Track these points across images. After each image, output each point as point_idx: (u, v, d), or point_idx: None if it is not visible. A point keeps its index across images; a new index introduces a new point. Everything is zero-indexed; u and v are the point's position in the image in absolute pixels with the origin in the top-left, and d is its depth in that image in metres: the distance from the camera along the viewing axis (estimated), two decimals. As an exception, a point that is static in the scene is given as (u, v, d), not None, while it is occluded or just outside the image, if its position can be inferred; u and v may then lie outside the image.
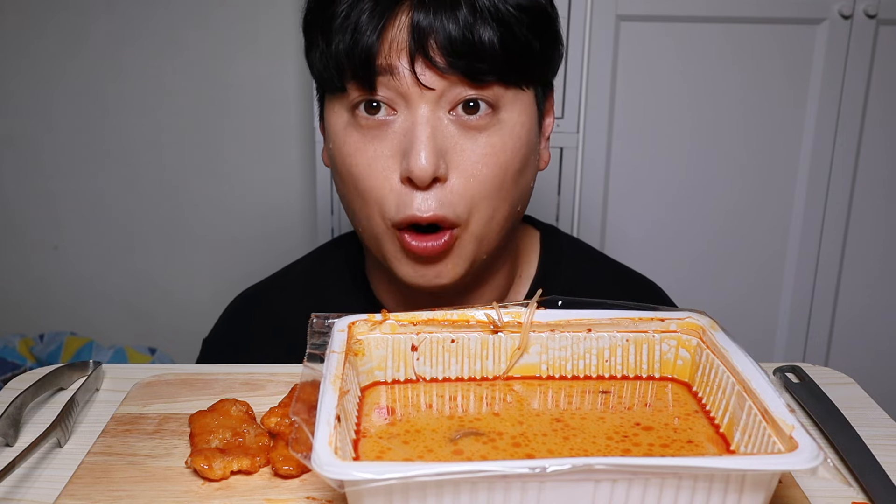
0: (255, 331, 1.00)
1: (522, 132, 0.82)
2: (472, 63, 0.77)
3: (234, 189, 2.11)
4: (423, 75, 0.77)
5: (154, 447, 0.65)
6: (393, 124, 0.79)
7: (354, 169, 0.81)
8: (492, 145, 0.80)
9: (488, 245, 0.84)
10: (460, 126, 0.79)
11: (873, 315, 1.96)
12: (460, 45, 0.76)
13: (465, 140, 0.79)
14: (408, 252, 0.81)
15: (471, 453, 0.56)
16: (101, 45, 2.01)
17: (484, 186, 0.80)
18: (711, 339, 0.63)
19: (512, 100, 0.81)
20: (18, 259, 2.18)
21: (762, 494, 0.49)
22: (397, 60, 0.77)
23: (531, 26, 0.79)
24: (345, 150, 0.82)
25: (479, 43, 0.76)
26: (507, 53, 0.78)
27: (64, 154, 2.09)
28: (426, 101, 0.78)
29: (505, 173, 0.81)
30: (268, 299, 1.03)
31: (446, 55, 0.76)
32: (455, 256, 0.82)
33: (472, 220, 0.81)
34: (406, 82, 0.77)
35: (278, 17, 1.97)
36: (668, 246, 1.89)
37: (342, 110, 0.82)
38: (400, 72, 0.77)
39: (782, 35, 1.74)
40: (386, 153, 0.79)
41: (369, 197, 0.81)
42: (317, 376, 0.57)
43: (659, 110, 1.80)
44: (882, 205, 1.88)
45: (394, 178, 0.79)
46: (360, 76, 0.78)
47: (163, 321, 2.21)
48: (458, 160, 0.79)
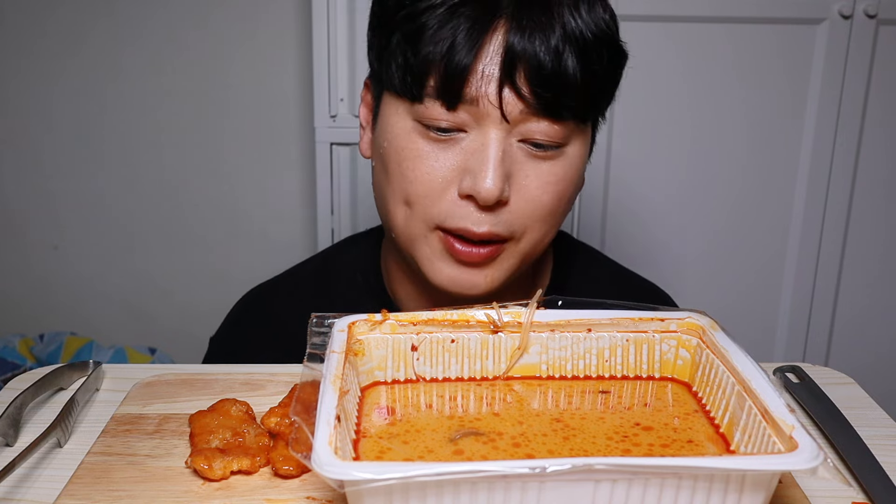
0: (263, 329, 1.00)
1: (580, 164, 0.84)
2: (557, 98, 0.77)
3: (234, 189, 2.10)
4: (507, 106, 0.77)
5: (154, 447, 0.65)
6: (461, 141, 0.79)
7: (410, 174, 0.80)
8: (555, 174, 0.81)
9: (529, 261, 0.86)
10: (526, 153, 0.80)
11: (873, 315, 1.96)
12: (548, 76, 0.76)
13: (530, 166, 0.80)
14: (450, 254, 0.81)
15: (471, 453, 0.56)
16: (101, 44, 2.01)
17: (541, 212, 0.81)
18: (711, 339, 0.63)
19: (578, 134, 0.82)
20: (18, 259, 2.18)
21: (762, 494, 0.49)
22: (485, 89, 0.76)
23: (608, 61, 0.80)
24: (404, 154, 0.80)
25: (564, 73, 0.76)
26: (586, 87, 0.78)
27: (64, 154, 2.09)
28: (501, 126, 0.78)
29: (560, 200, 0.82)
30: (276, 298, 1.03)
31: (534, 86, 0.76)
32: (496, 268, 0.83)
33: (524, 238, 0.82)
34: (487, 110, 0.77)
35: (278, 17, 1.97)
36: (668, 246, 1.89)
37: (408, 116, 0.80)
38: (484, 102, 0.77)
39: (782, 35, 1.74)
40: (449, 166, 0.79)
41: (419, 202, 0.80)
42: (317, 376, 0.57)
43: (659, 110, 1.79)
44: (882, 205, 1.88)
45: (451, 190, 0.79)
46: (446, 97, 0.77)
47: (163, 321, 2.21)
48: (519, 184, 0.80)
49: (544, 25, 0.75)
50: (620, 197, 1.85)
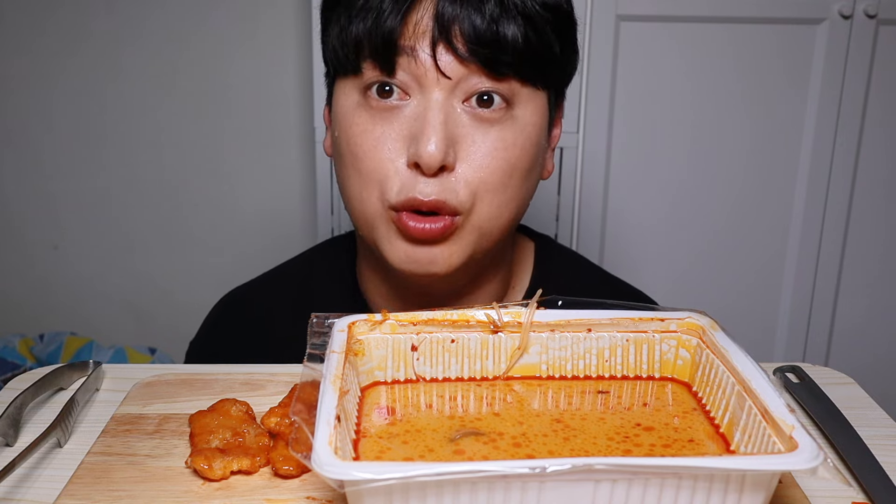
0: (242, 332, 1.00)
1: (533, 132, 0.82)
2: (494, 54, 0.77)
3: (234, 189, 2.11)
4: (442, 60, 0.77)
5: (154, 447, 0.65)
6: (405, 108, 0.79)
7: (358, 149, 0.80)
8: (503, 139, 0.79)
9: (488, 241, 0.83)
10: (472, 117, 0.79)
11: (873, 315, 1.96)
12: (483, 36, 0.76)
13: (476, 131, 0.79)
14: (403, 233, 0.80)
15: (471, 453, 0.56)
16: (101, 44, 2.01)
17: (491, 179, 0.79)
18: (711, 339, 0.63)
19: (527, 98, 0.81)
20: (18, 259, 2.18)
21: (762, 494, 0.49)
22: (419, 43, 0.77)
23: (554, 26, 0.80)
24: (352, 131, 0.81)
25: (502, 37, 0.76)
26: (528, 49, 0.78)
27: (64, 154, 2.09)
28: (441, 87, 0.78)
29: (513, 169, 0.80)
30: (255, 300, 1.02)
31: (469, 43, 0.76)
32: (452, 244, 0.81)
33: (474, 210, 0.80)
34: (424, 66, 0.77)
35: (278, 17, 1.97)
36: (668, 246, 1.89)
37: (353, 91, 0.81)
38: (420, 55, 0.77)
39: (782, 35, 1.74)
40: (394, 135, 0.79)
41: (370, 178, 0.80)
42: (317, 376, 0.57)
43: (659, 110, 1.80)
44: (882, 205, 1.88)
45: (399, 161, 0.79)
46: (380, 56, 0.78)
47: (163, 321, 2.21)
48: (467, 150, 0.79)
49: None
50: (620, 197, 1.85)
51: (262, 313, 1.00)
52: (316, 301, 0.98)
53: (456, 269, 0.82)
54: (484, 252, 0.84)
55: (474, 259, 0.84)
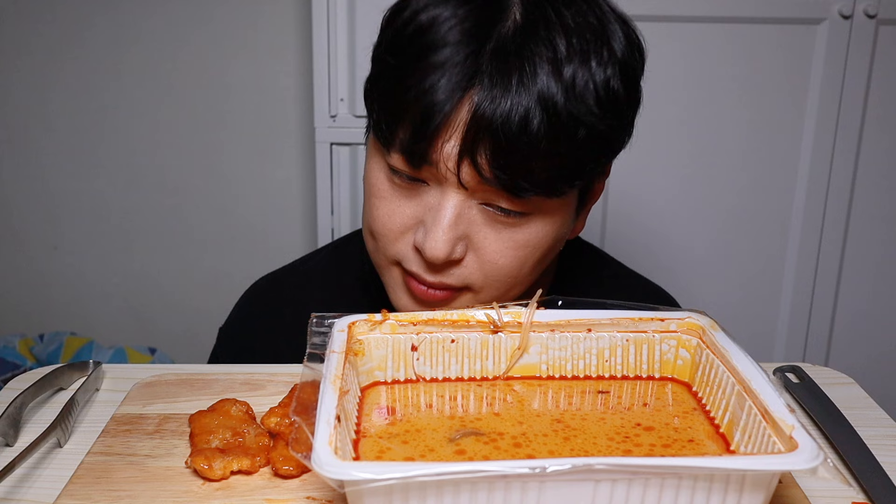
0: (273, 318, 1.00)
1: (551, 230, 0.80)
2: (513, 180, 0.73)
3: (233, 189, 2.10)
4: (465, 175, 0.74)
5: (154, 447, 0.65)
6: (425, 193, 0.78)
7: (375, 211, 0.81)
8: (515, 241, 0.78)
9: (502, 299, 0.82)
10: (487, 216, 0.78)
11: (873, 315, 1.96)
12: (509, 152, 0.71)
13: (489, 229, 0.78)
14: (408, 289, 0.82)
15: (471, 453, 0.56)
16: (101, 44, 2.01)
17: (501, 273, 0.80)
18: (711, 339, 0.63)
19: (550, 205, 0.78)
20: (18, 259, 2.18)
21: (762, 494, 0.49)
22: (446, 155, 0.73)
23: (612, 116, 0.74)
24: (372, 191, 0.82)
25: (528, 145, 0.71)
26: (561, 174, 0.74)
27: (64, 154, 2.09)
28: (459, 190, 0.76)
29: (523, 265, 0.80)
30: (286, 288, 1.03)
31: (493, 166, 0.72)
32: (457, 305, 0.82)
33: (482, 292, 0.81)
34: (446, 174, 0.75)
35: (278, 17, 1.97)
36: (668, 246, 1.89)
37: (381, 158, 0.80)
38: (443, 167, 0.74)
39: (782, 35, 1.74)
40: (409, 213, 0.79)
41: (379, 238, 0.82)
42: (317, 376, 0.57)
43: (659, 110, 1.79)
44: (882, 205, 1.88)
45: (408, 236, 0.80)
46: (410, 157, 0.76)
47: (163, 321, 2.21)
48: (477, 245, 0.78)
49: (515, 91, 0.70)
50: (620, 197, 1.85)
51: (291, 299, 1.01)
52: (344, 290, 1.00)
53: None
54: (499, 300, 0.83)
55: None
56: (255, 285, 1.05)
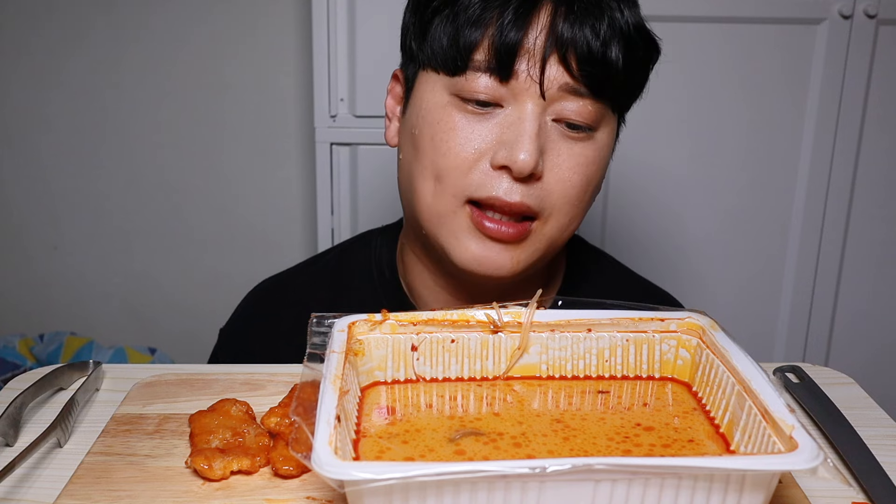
0: (274, 321, 1.00)
1: (607, 153, 0.86)
2: (602, 76, 0.79)
3: (233, 189, 2.10)
4: (549, 80, 0.79)
5: (154, 447, 0.65)
6: (496, 114, 0.81)
7: (444, 145, 0.81)
8: (585, 156, 0.82)
9: (553, 249, 0.86)
10: (560, 133, 0.81)
11: (873, 315, 1.96)
12: (596, 59, 0.78)
13: (563, 145, 0.81)
14: (478, 229, 0.81)
15: (471, 453, 0.56)
16: (100, 45, 2.01)
17: (571, 192, 0.82)
18: (711, 339, 0.63)
19: (607, 121, 0.84)
20: (18, 259, 2.18)
21: (762, 494, 0.49)
22: (530, 64, 0.78)
23: (644, 54, 0.84)
24: (439, 126, 0.82)
25: (609, 60, 0.79)
26: (627, 73, 0.81)
27: (64, 154, 2.09)
28: (538, 101, 0.79)
29: (588, 184, 0.84)
30: (289, 291, 1.03)
31: (581, 65, 0.78)
32: (522, 250, 0.83)
33: (551, 219, 0.83)
34: (527, 84, 0.79)
35: (278, 17, 1.97)
36: (668, 246, 1.89)
37: (443, 90, 0.82)
38: (525, 77, 0.79)
39: (782, 35, 1.74)
40: (483, 138, 0.80)
41: (450, 173, 0.81)
42: (317, 376, 0.57)
43: (659, 110, 1.79)
44: (882, 205, 1.88)
45: (484, 161, 0.80)
46: (498, 71, 0.79)
47: (163, 321, 2.21)
48: (554, 162, 0.81)
49: (594, 15, 0.78)
50: (620, 197, 1.85)
51: (294, 303, 1.00)
52: (354, 294, 0.99)
53: (519, 273, 0.84)
54: (548, 259, 0.87)
55: (536, 266, 0.86)
56: (259, 287, 1.04)
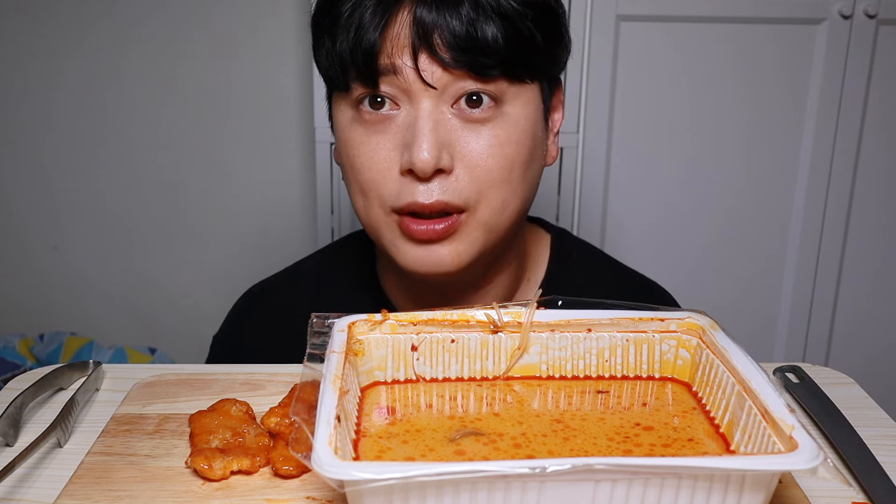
0: (266, 326, 1.00)
1: (527, 125, 0.82)
2: (477, 58, 0.77)
3: (234, 189, 2.11)
4: (426, 72, 0.77)
5: (154, 447, 0.65)
6: (396, 119, 0.80)
7: (356, 161, 0.82)
8: (496, 136, 0.80)
9: (497, 235, 0.84)
10: (463, 119, 0.80)
11: (873, 315, 1.96)
12: (464, 41, 0.76)
13: (469, 133, 0.80)
14: (408, 236, 0.81)
15: (471, 454, 0.56)
16: (101, 45, 2.01)
17: (491, 176, 0.80)
18: (711, 339, 0.63)
19: (516, 94, 0.81)
20: (18, 259, 2.18)
21: (762, 494, 0.49)
22: (400, 59, 0.77)
23: (535, 21, 0.80)
24: (349, 145, 0.82)
25: (482, 38, 0.77)
26: (510, 48, 0.78)
27: (64, 154, 2.09)
28: (429, 95, 0.78)
29: (512, 164, 0.81)
30: (277, 294, 1.03)
31: (451, 50, 0.77)
32: (458, 242, 0.82)
33: (480, 207, 0.81)
34: (409, 79, 0.78)
35: (278, 17, 1.97)
36: (668, 246, 1.89)
37: (347, 107, 0.83)
38: (403, 70, 0.78)
39: (782, 35, 1.74)
40: (388, 145, 0.80)
41: (370, 188, 0.82)
42: (317, 376, 0.57)
43: (659, 110, 1.79)
44: (882, 205, 1.88)
45: (395, 168, 0.80)
46: (363, 75, 0.79)
47: (163, 321, 2.21)
48: (462, 151, 0.80)
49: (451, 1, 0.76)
50: (620, 197, 1.85)
51: (283, 307, 1.01)
52: (338, 296, 0.99)
53: (466, 265, 0.83)
54: (494, 245, 0.85)
55: (485, 254, 0.85)
56: (248, 293, 1.05)
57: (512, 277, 0.95)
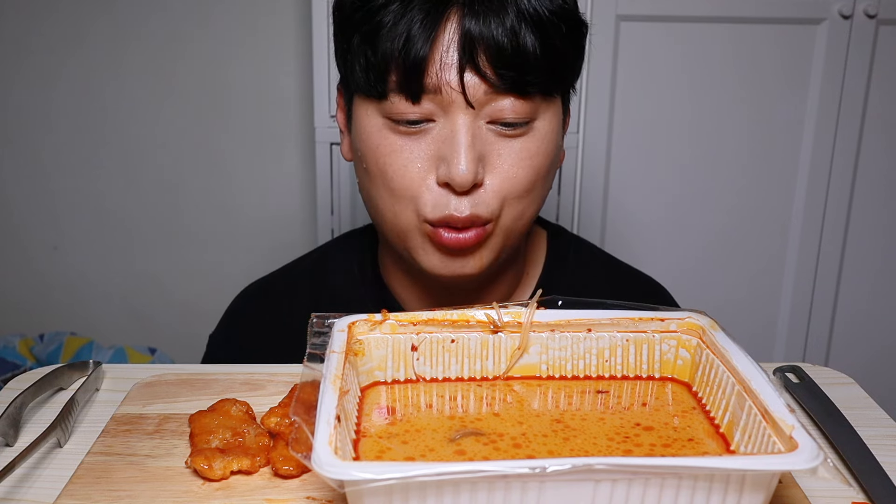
0: (262, 325, 1.00)
1: (553, 137, 0.84)
2: (520, 76, 0.78)
3: (233, 189, 2.11)
4: (470, 90, 0.78)
5: (154, 447, 0.65)
6: (431, 130, 0.80)
7: (389, 168, 0.82)
8: (527, 150, 0.82)
9: (514, 239, 0.87)
10: (497, 133, 0.81)
11: (873, 315, 1.96)
12: (509, 56, 0.77)
13: (502, 145, 0.81)
14: (439, 245, 0.83)
15: (471, 454, 0.56)
16: (101, 45, 2.01)
17: (519, 187, 0.82)
18: (711, 339, 0.63)
19: (545, 108, 0.83)
20: (18, 259, 2.18)
21: (762, 494, 0.49)
22: (446, 77, 0.77)
23: (567, 34, 0.81)
24: (379, 151, 0.82)
25: (523, 51, 0.77)
26: (548, 62, 0.79)
27: (64, 154, 2.09)
28: (467, 111, 0.79)
29: (537, 175, 0.83)
30: (274, 294, 1.03)
31: (495, 67, 0.77)
32: (484, 249, 0.84)
33: (503, 215, 0.83)
34: (450, 96, 0.78)
35: (278, 18, 1.97)
36: (668, 246, 1.89)
37: (377, 114, 0.82)
38: (447, 89, 0.78)
39: (782, 35, 1.74)
40: (423, 155, 0.80)
41: (402, 195, 0.82)
42: (317, 376, 0.57)
43: (659, 110, 1.79)
44: (882, 205, 1.88)
45: (430, 179, 0.81)
46: (407, 89, 0.78)
47: (163, 321, 2.21)
48: (494, 164, 0.81)
49: (497, 8, 0.77)
50: (620, 196, 1.85)
51: (280, 306, 1.01)
52: (336, 294, 1.00)
53: (486, 269, 0.86)
54: (510, 249, 0.88)
55: (501, 257, 0.87)
56: (244, 292, 1.05)
57: (514, 273, 0.97)
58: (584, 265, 1.02)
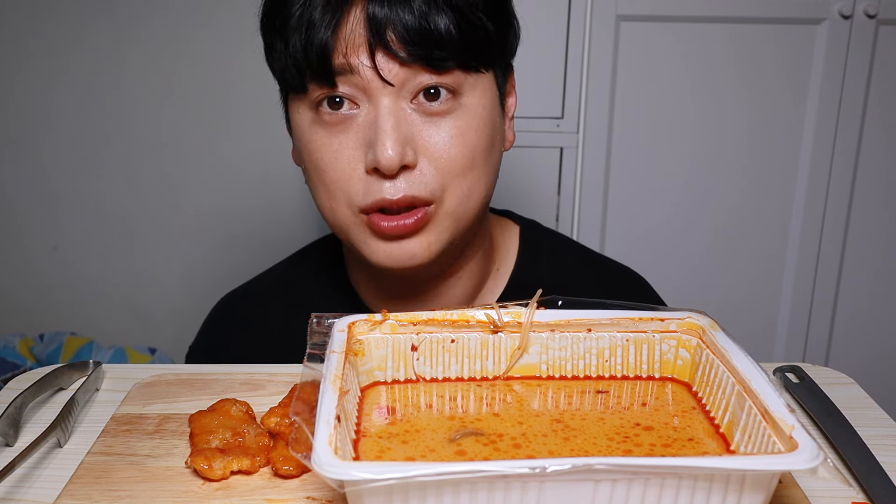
0: (240, 333, 1.01)
1: (485, 113, 0.83)
2: (432, 51, 0.78)
3: (233, 189, 2.10)
4: (383, 69, 0.78)
5: (154, 447, 0.65)
6: (357, 118, 0.80)
7: (320, 163, 0.82)
8: (457, 127, 0.81)
9: (464, 223, 0.85)
10: (423, 113, 0.80)
11: (873, 315, 1.96)
12: (418, 35, 0.77)
13: (430, 126, 0.80)
14: (379, 234, 0.82)
15: (472, 454, 0.56)
16: (101, 44, 2.01)
17: (455, 166, 0.81)
18: (711, 339, 0.63)
19: (472, 84, 0.82)
20: (18, 259, 2.18)
21: (762, 494, 0.49)
22: (356, 57, 0.78)
23: (486, 10, 0.80)
24: (311, 147, 0.83)
25: (435, 31, 0.77)
26: (463, 39, 0.78)
27: (64, 154, 2.09)
28: (387, 92, 0.79)
29: (474, 153, 0.82)
30: (247, 303, 1.04)
31: (406, 45, 0.77)
32: (428, 234, 0.82)
33: (446, 197, 0.82)
34: (366, 78, 0.78)
35: (278, 17, 1.97)
36: (668, 246, 1.89)
37: (305, 109, 0.83)
38: (359, 69, 0.78)
39: (782, 35, 1.74)
40: (351, 145, 0.80)
41: (335, 188, 0.82)
42: (317, 376, 0.57)
43: (659, 110, 1.80)
44: (882, 205, 1.88)
45: (359, 168, 0.80)
46: (319, 75, 0.79)
47: (163, 321, 2.21)
48: (425, 145, 0.80)
49: None
50: (620, 197, 1.85)
51: (256, 315, 1.01)
52: (308, 299, 1.00)
53: (437, 256, 0.84)
54: (462, 234, 0.86)
55: (453, 243, 0.86)
56: (220, 303, 1.06)
57: (480, 267, 0.95)
58: (560, 258, 1.01)
